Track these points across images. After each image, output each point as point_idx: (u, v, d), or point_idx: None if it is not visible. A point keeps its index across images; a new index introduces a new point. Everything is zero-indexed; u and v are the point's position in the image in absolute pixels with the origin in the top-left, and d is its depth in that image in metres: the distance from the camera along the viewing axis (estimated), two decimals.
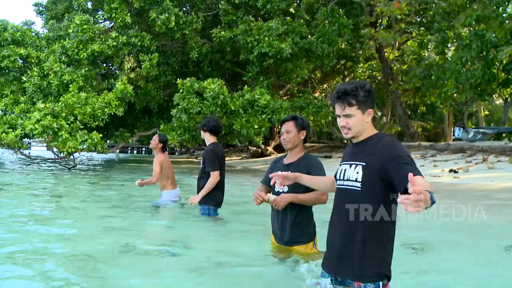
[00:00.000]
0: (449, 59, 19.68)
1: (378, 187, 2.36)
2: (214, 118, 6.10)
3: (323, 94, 29.88)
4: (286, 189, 3.72)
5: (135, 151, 53.32)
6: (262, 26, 18.04)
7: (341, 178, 2.56)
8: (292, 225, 3.74)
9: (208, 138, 5.86)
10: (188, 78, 17.17)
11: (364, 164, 2.41)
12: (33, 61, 20.76)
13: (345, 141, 29.94)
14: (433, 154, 18.79)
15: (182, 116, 16.60)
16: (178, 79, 17.45)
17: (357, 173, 2.42)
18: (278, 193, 3.77)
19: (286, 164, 3.81)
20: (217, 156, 5.77)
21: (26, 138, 19.64)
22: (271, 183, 3.54)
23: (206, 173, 5.83)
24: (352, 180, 2.45)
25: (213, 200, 5.93)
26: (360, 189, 2.40)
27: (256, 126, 16.34)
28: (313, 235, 3.86)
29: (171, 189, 7.25)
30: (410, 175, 1.95)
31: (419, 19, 25.60)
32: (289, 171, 3.51)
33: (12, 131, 17.34)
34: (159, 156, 7.16)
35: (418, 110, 38.23)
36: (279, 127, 4.13)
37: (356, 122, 2.48)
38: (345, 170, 2.53)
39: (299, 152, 3.84)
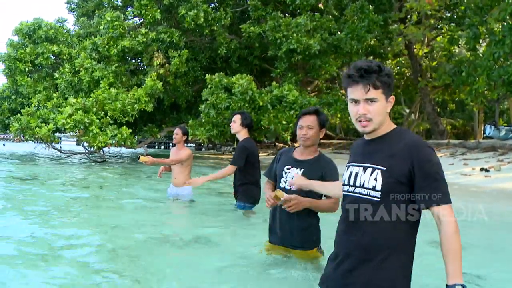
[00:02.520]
0: (481, 55, 19.28)
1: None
2: (249, 114, 6.11)
3: None
4: (294, 187, 3.29)
5: (162, 146, 54.04)
6: (290, 22, 18.02)
7: (352, 183, 2.06)
8: (298, 231, 3.42)
9: (243, 134, 5.84)
10: (216, 74, 17.29)
11: (384, 168, 1.93)
12: (65, 57, 21.25)
13: None
14: (463, 152, 18.48)
15: (210, 112, 16.72)
16: (206, 74, 17.58)
17: (375, 179, 1.95)
18: (284, 191, 3.38)
19: (299, 159, 3.44)
20: (247, 153, 5.72)
21: (57, 133, 20.12)
22: (289, 185, 3.32)
23: (239, 172, 5.83)
24: (368, 188, 1.97)
25: (250, 197, 5.89)
26: (379, 199, 1.94)
27: (284, 122, 16.35)
28: (318, 243, 3.57)
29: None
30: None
31: (449, 15, 25.15)
32: (301, 169, 3.36)
33: (45, 125, 17.77)
34: (187, 149, 7.14)
35: (447, 108, 37.61)
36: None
37: (380, 111, 1.96)
38: (356, 174, 2.04)
39: (315, 150, 3.50)
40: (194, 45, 22.23)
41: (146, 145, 24.44)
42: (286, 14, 21.21)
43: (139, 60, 23.02)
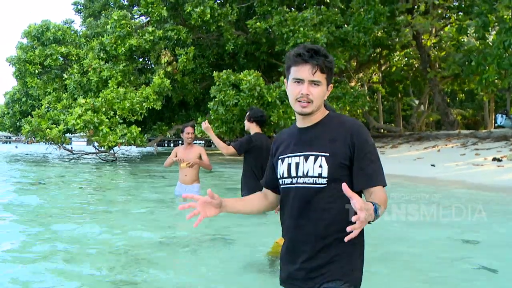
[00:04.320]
0: (490, 44, 19.07)
1: (344, 179, 1.88)
2: (259, 109, 6.10)
3: (359, 84, 29.53)
4: None
5: (172, 144, 54.26)
6: (297, 16, 17.93)
7: (293, 175, 1.98)
8: None
9: (254, 129, 5.82)
10: (224, 71, 17.28)
11: (327, 154, 1.91)
12: (73, 58, 21.38)
13: (382, 131, 29.52)
14: (474, 142, 18.32)
15: (219, 109, 16.74)
16: (214, 71, 17.58)
17: (320, 166, 1.91)
18: None
19: None
20: (251, 144, 5.72)
21: (68, 133, 20.29)
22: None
23: (245, 167, 5.85)
24: (313, 176, 1.92)
25: (250, 192, 5.94)
26: (326, 185, 1.90)
27: (293, 117, 16.28)
28: None
29: (199, 182, 7.23)
30: (344, 186, 1.65)
31: (457, 4, 24.89)
32: None
33: (56, 126, 17.92)
34: (199, 147, 7.12)
35: (457, 98, 37.28)
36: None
37: (321, 95, 1.95)
38: (297, 164, 1.97)
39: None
40: (201, 42, 22.24)
41: (156, 144, 24.52)
42: (292, 9, 21.13)
43: (146, 59, 23.08)
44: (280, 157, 2.07)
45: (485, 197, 8.64)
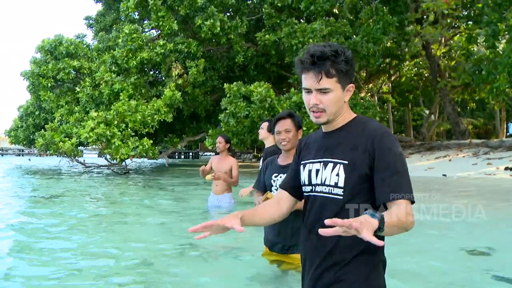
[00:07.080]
0: (501, 52, 19.02)
1: (365, 192, 1.74)
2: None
3: (369, 94, 29.53)
4: None
5: (182, 156, 54.48)
6: (306, 28, 18.06)
7: (313, 182, 1.85)
8: (293, 232, 3.33)
9: (271, 140, 5.86)
10: (235, 83, 17.41)
11: (346, 162, 1.75)
12: (85, 72, 21.66)
13: None
14: (486, 151, 18.24)
15: (230, 121, 16.83)
16: (224, 83, 17.72)
17: (337, 175, 1.76)
18: None
19: (284, 165, 3.40)
20: (275, 153, 5.75)
21: (80, 146, 20.51)
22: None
23: None
24: (329, 185, 1.77)
25: None
26: (342, 197, 1.74)
27: (304, 128, 16.32)
28: None
29: (231, 191, 7.19)
30: (335, 221, 1.40)
31: (466, 13, 24.88)
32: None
33: (68, 139, 18.12)
34: (231, 159, 7.07)
35: (468, 107, 37.10)
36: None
37: (334, 101, 1.76)
38: (317, 171, 1.83)
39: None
40: (211, 55, 22.44)
41: (167, 156, 24.63)
42: (301, 20, 21.27)
43: (157, 72, 23.33)
44: (302, 162, 1.93)
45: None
